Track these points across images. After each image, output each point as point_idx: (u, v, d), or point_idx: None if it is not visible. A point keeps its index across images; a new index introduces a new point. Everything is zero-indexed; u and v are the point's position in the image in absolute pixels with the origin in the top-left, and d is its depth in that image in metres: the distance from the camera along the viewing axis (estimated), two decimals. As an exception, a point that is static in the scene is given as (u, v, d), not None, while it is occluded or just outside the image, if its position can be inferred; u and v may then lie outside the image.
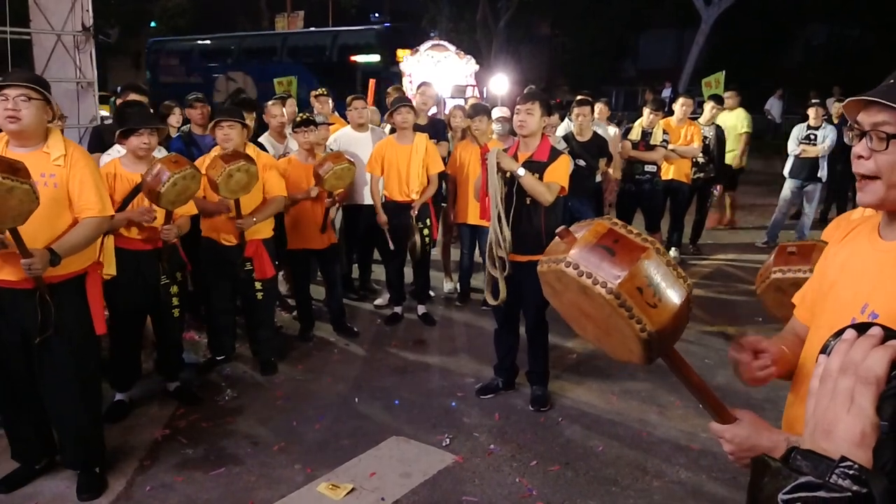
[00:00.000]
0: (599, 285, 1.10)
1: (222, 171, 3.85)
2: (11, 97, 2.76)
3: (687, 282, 1.17)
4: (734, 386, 4.26)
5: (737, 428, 1.27)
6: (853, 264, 1.37)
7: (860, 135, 1.26)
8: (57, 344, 2.95)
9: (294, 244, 4.98)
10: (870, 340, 0.70)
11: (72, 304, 3.02)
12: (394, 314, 5.57)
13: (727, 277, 6.88)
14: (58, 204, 2.88)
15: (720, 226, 9.08)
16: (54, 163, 2.88)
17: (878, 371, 0.67)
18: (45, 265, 2.75)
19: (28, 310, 2.87)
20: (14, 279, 2.83)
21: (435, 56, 11.43)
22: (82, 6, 6.64)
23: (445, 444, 3.63)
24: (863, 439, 0.66)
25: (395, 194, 5.28)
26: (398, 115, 5.22)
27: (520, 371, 4.31)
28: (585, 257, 1.13)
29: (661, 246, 1.17)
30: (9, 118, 2.76)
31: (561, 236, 1.21)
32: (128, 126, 3.64)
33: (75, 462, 3.19)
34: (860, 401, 0.67)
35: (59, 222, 2.91)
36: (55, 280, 2.91)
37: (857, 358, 0.70)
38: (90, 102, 6.75)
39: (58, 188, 2.88)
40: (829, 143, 7.74)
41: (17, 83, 2.79)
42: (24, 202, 2.54)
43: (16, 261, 2.74)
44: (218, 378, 4.44)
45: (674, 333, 1.17)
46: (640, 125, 6.73)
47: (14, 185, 2.47)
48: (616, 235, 1.15)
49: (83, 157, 3.01)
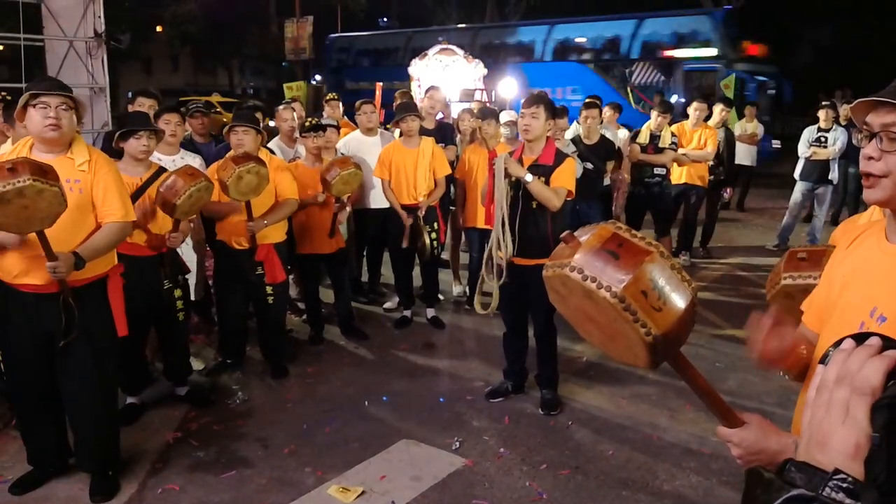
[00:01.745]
0: (604, 289, 1.10)
1: (232, 172, 3.89)
2: (53, 105, 2.82)
3: (692, 285, 1.17)
4: (745, 390, 4.25)
5: (744, 431, 1.27)
6: (861, 268, 1.36)
7: (870, 136, 1.26)
8: (80, 346, 2.98)
9: (302, 249, 5.00)
10: (867, 350, 0.69)
11: (95, 307, 3.06)
12: (403, 318, 5.58)
13: (738, 281, 6.85)
14: (82, 209, 2.92)
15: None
16: (79, 168, 2.93)
17: (874, 382, 0.66)
18: (70, 268, 2.79)
19: (52, 313, 2.91)
20: (39, 283, 2.87)
21: (443, 60, 11.43)
22: (94, 13, 6.71)
23: (455, 448, 3.64)
24: (857, 451, 0.65)
25: (403, 198, 5.30)
26: (404, 123, 5.26)
27: (529, 375, 4.30)
28: (590, 262, 1.13)
29: (666, 250, 1.17)
30: (50, 126, 2.81)
31: (566, 241, 1.21)
32: (127, 128, 3.68)
33: (91, 464, 3.21)
34: (855, 412, 0.66)
35: (84, 227, 2.95)
36: (79, 283, 2.95)
37: (853, 368, 0.68)
38: (102, 108, 6.82)
39: (82, 193, 2.92)
40: (840, 145, 7.71)
41: (58, 92, 2.85)
42: (52, 205, 2.59)
43: (40, 264, 2.77)
44: (228, 381, 4.46)
45: (679, 337, 1.16)
46: (648, 128, 6.72)
47: (44, 188, 2.52)
48: (620, 239, 1.15)
49: (107, 163, 3.06)
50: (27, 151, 2.90)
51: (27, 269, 2.86)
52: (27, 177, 2.47)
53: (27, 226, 2.63)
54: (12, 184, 2.46)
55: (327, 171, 4.62)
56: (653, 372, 4.42)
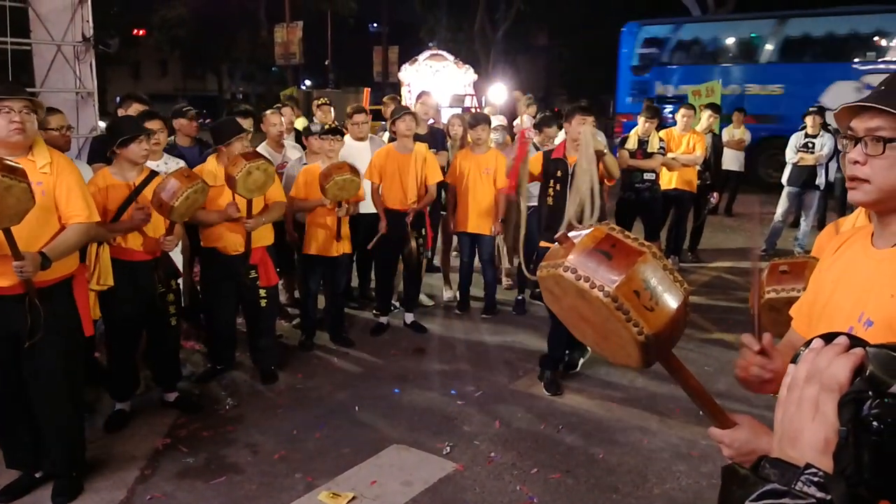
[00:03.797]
0: (597, 289, 1.12)
1: (243, 167, 3.90)
2: (16, 109, 2.83)
3: (684, 286, 1.18)
4: (734, 393, 4.27)
5: (736, 432, 1.28)
6: (848, 273, 1.38)
7: (854, 141, 1.28)
8: (47, 346, 2.98)
9: (308, 249, 4.96)
10: (835, 349, 0.71)
11: (61, 307, 3.07)
12: (378, 324, 5.53)
13: (726, 285, 6.90)
14: (46, 211, 2.93)
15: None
16: (41, 170, 2.94)
17: (841, 378, 0.68)
18: (37, 268, 2.80)
19: (18, 314, 2.90)
20: (5, 284, 2.87)
21: (434, 66, 11.49)
22: (83, 17, 6.66)
23: (446, 453, 3.63)
24: (827, 446, 0.67)
25: (393, 203, 5.29)
26: (402, 122, 5.24)
27: (526, 375, 4.31)
28: (583, 262, 1.15)
29: (658, 251, 1.18)
30: (16, 129, 2.83)
31: (560, 241, 1.23)
32: (127, 135, 3.66)
33: (56, 466, 3.19)
34: (824, 408, 0.68)
35: (48, 228, 2.96)
36: (45, 284, 2.95)
37: (821, 366, 0.70)
38: (90, 113, 6.76)
39: (45, 195, 2.92)
40: (827, 150, 7.79)
41: (20, 96, 2.86)
42: (21, 201, 2.60)
43: (5, 267, 2.78)
44: (218, 387, 4.44)
45: (671, 337, 1.17)
46: (636, 133, 6.76)
47: (12, 184, 2.54)
48: (613, 240, 1.17)
49: (68, 164, 3.08)
50: None
51: None
52: None
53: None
54: None
55: (324, 178, 4.62)
56: (642, 376, 4.47)
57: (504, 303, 6.10)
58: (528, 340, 5.30)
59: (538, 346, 5.16)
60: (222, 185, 4.19)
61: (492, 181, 5.62)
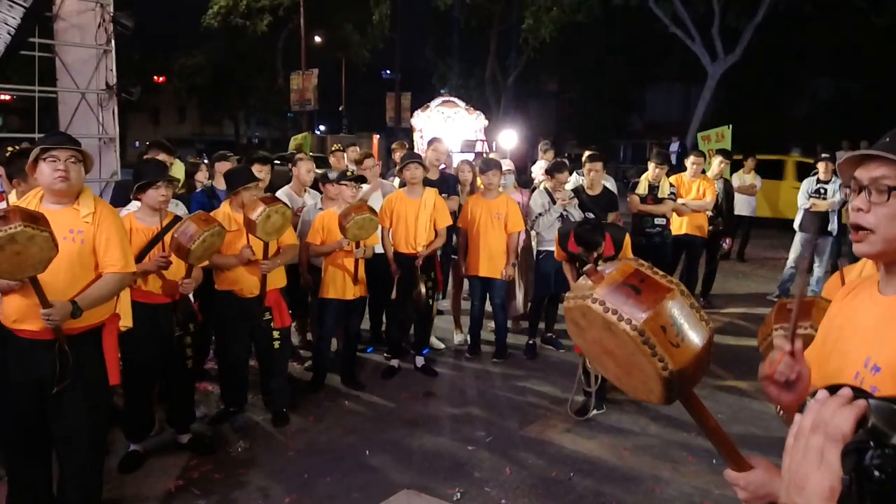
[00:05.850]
0: (624, 322, 1.13)
1: (262, 211, 4.00)
2: (62, 159, 2.93)
3: (709, 325, 1.20)
4: (748, 442, 4.22)
5: (751, 475, 1.29)
6: (855, 320, 1.40)
7: (858, 189, 1.31)
8: (73, 394, 2.99)
9: (325, 293, 5.02)
10: (839, 400, 0.74)
11: (89, 356, 3.07)
12: (389, 368, 5.55)
13: (738, 331, 6.86)
14: (83, 259, 2.98)
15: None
16: (83, 219, 3.00)
17: (845, 429, 0.71)
18: (65, 316, 2.83)
19: (46, 360, 2.92)
20: (35, 329, 2.90)
21: (445, 112, 11.67)
22: (106, 66, 6.91)
23: (457, 499, 3.61)
24: (832, 494, 0.70)
25: (402, 246, 5.37)
26: (407, 171, 5.37)
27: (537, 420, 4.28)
28: (612, 295, 1.16)
29: (685, 288, 1.20)
30: (60, 177, 2.91)
31: (588, 274, 1.24)
32: (145, 180, 3.78)
33: None
34: (829, 457, 0.71)
35: (84, 277, 3.00)
36: (75, 332, 2.98)
37: (826, 416, 0.74)
38: (112, 157, 6.95)
39: (84, 244, 2.98)
40: (840, 196, 7.81)
41: (67, 146, 2.97)
42: (44, 250, 2.66)
43: (37, 311, 2.81)
44: (230, 429, 4.45)
45: (694, 375, 1.18)
46: (646, 179, 6.83)
47: (35, 234, 2.60)
48: (642, 275, 1.19)
49: (111, 214, 3.14)
50: (37, 202, 2.99)
51: (25, 315, 2.89)
52: (18, 223, 2.55)
53: (20, 271, 2.68)
54: (4, 230, 2.53)
55: (344, 217, 4.70)
56: (655, 423, 4.43)
57: (515, 347, 6.10)
58: (539, 385, 5.29)
59: (549, 391, 5.15)
60: (238, 230, 4.28)
61: (503, 225, 5.69)
